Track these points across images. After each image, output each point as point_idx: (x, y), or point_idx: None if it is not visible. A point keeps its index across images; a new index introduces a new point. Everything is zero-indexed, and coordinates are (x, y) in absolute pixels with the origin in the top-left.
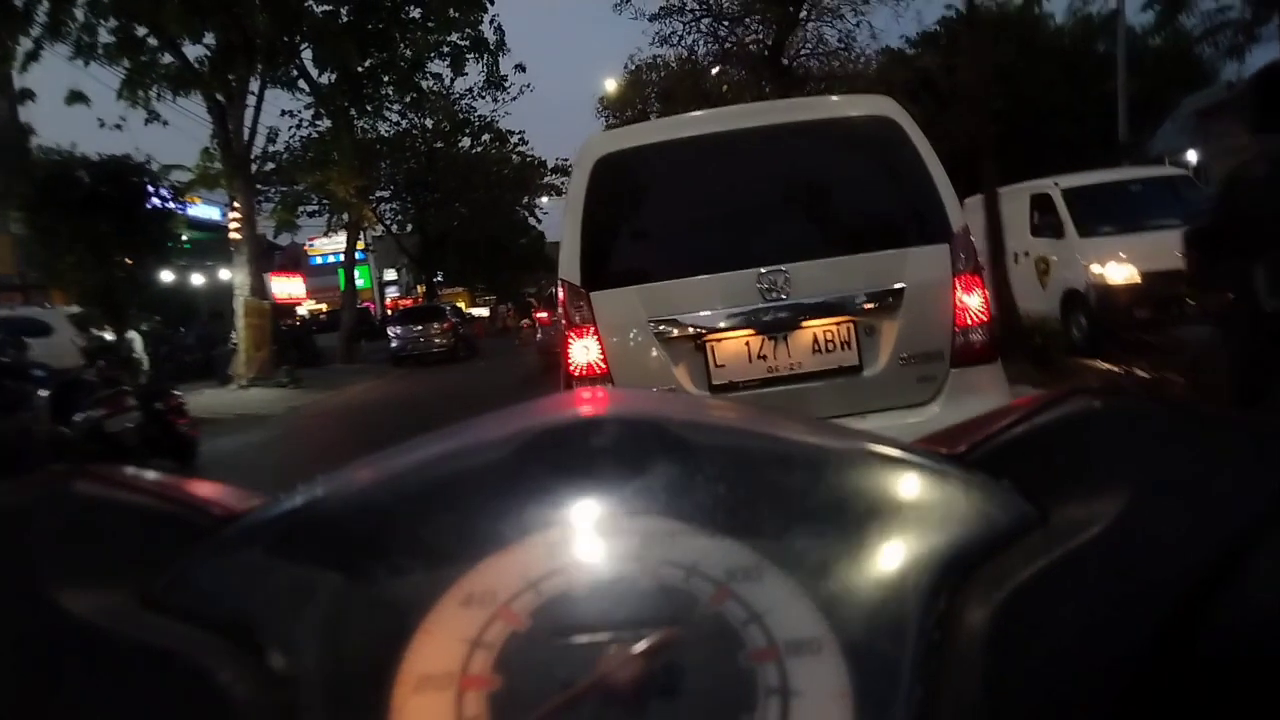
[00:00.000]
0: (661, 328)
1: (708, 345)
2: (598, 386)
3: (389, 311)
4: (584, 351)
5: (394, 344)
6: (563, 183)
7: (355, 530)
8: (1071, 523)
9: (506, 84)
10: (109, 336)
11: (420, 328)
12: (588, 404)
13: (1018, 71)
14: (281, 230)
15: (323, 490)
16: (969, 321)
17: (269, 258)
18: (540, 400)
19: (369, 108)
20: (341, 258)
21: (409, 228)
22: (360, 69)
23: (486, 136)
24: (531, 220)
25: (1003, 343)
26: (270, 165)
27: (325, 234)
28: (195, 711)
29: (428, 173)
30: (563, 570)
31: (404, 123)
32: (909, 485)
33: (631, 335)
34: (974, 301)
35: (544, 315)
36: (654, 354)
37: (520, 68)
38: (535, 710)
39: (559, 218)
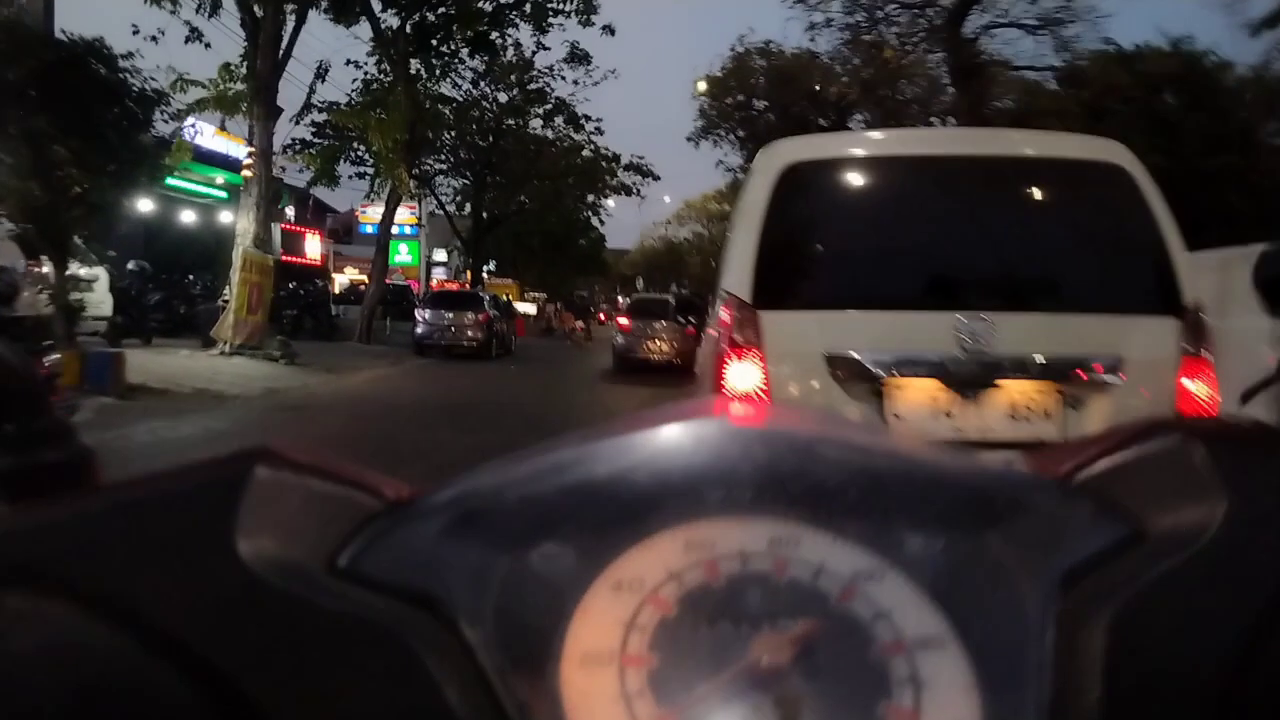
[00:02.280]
0: (837, 363)
1: (887, 390)
2: (733, 399)
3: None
4: (745, 376)
5: (419, 329)
6: (634, 183)
7: (518, 517)
8: (1169, 542)
9: (590, 64)
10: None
11: (451, 315)
12: (725, 412)
13: (1182, 127)
14: (317, 181)
15: (489, 478)
16: (1192, 411)
17: (321, 218)
18: (681, 404)
19: (435, 63)
20: (392, 229)
21: (466, 209)
22: (432, 16)
23: (560, 119)
24: (594, 221)
25: None
26: (318, 111)
27: (366, 197)
28: (395, 672)
29: (491, 151)
30: (700, 563)
31: (475, 91)
32: (1017, 501)
33: (801, 366)
34: (1200, 389)
35: (625, 321)
36: (824, 391)
37: (609, 30)
38: (696, 687)
39: (625, 222)
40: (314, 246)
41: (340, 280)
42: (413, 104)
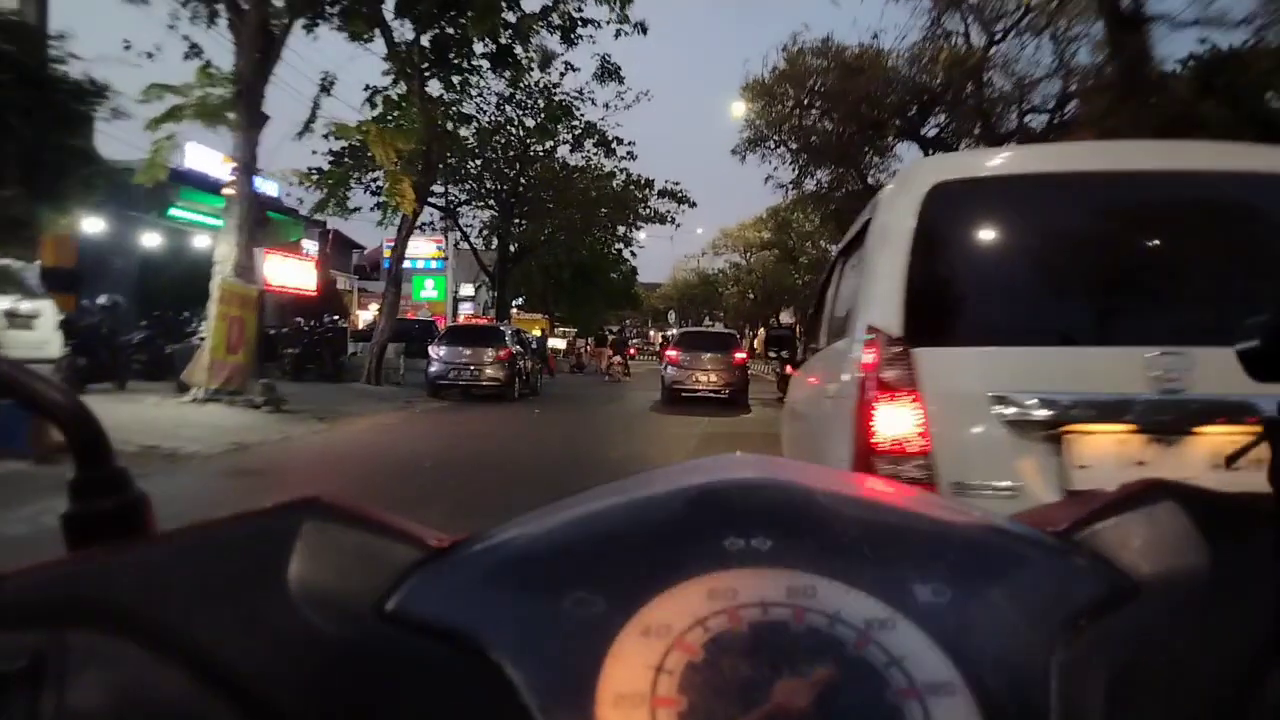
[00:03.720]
0: (1007, 406)
1: (1067, 438)
2: (759, 455)
3: None
4: (898, 422)
5: (433, 368)
6: (668, 211)
7: (553, 565)
8: (1161, 597)
9: (621, 81)
10: None
11: (469, 352)
12: (750, 469)
13: None
14: (323, 208)
15: (527, 528)
16: None
17: (346, 253)
18: (709, 460)
19: (455, 79)
20: (418, 263)
21: (493, 242)
22: (451, 29)
23: (590, 143)
24: (626, 253)
25: None
26: (323, 135)
27: (379, 224)
28: (443, 709)
29: (518, 180)
30: (724, 611)
31: (499, 115)
32: (1021, 555)
33: (965, 410)
34: None
35: (673, 354)
36: (993, 438)
37: (642, 29)
38: None
39: (657, 255)
40: (308, 276)
41: (365, 317)
42: (428, 122)
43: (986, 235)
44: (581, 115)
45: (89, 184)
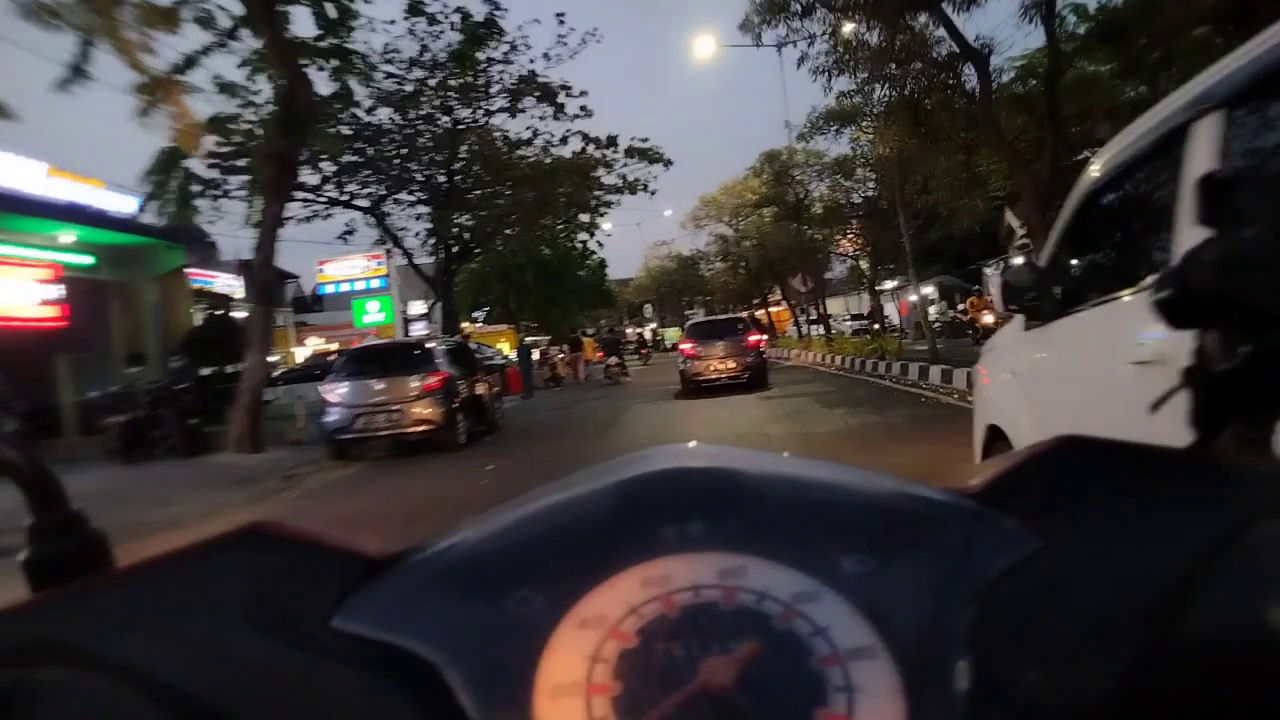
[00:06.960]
0: None
1: None
2: (699, 445)
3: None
4: None
5: (329, 417)
6: (636, 179)
7: (493, 567)
8: (1067, 547)
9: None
10: None
11: (382, 386)
12: (679, 457)
13: None
14: (152, 202)
15: (464, 535)
16: None
17: (298, 297)
18: (648, 451)
19: (326, 16)
20: (356, 284)
21: (440, 251)
22: None
23: (530, 100)
24: (591, 244)
25: None
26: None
27: (246, 218)
28: (389, 717)
29: (450, 164)
30: (657, 598)
31: (409, 79)
32: (936, 519)
33: None
34: None
35: (688, 347)
36: None
37: None
38: (652, 709)
39: (624, 248)
40: (26, 292)
41: (303, 354)
42: (282, 58)
43: None
44: (510, 38)
45: None
